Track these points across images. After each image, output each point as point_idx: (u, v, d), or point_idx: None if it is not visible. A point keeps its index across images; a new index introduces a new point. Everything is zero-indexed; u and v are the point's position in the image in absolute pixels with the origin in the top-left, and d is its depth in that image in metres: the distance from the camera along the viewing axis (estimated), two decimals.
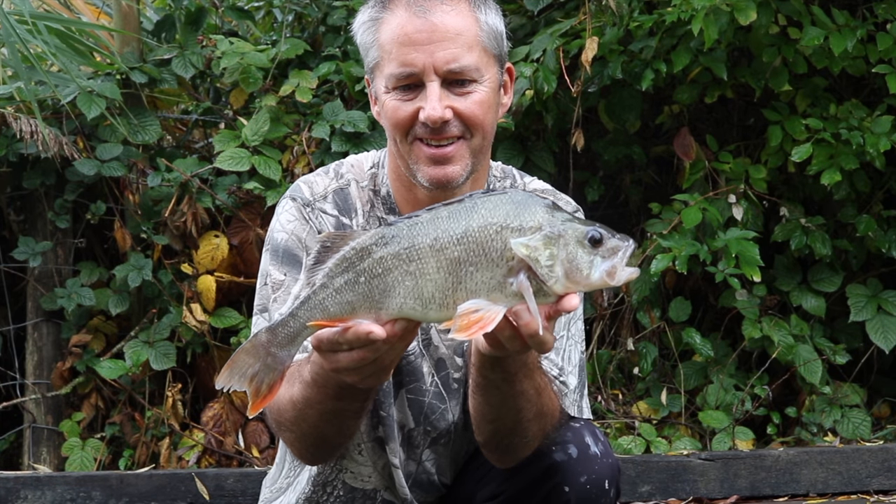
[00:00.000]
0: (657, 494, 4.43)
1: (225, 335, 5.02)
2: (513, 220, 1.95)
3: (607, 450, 2.43)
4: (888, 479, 4.48)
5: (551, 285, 1.93)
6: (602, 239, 1.94)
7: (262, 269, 2.53)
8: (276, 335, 2.01)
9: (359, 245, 1.98)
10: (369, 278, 1.97)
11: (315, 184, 2.54)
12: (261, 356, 2.02)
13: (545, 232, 1.94)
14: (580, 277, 1.94)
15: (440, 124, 2.35)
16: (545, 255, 1.93)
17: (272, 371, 2.03)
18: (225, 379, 2.03)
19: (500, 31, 2.44)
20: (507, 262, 1.95)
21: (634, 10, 4.89)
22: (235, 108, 5.27)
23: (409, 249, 1.96)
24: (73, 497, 4.45)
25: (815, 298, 5.03)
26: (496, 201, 1.97)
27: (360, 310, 1.98)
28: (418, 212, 1.99)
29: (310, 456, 2.44)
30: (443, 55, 2.34)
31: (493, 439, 2.34)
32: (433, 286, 1.96)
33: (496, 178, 2.59)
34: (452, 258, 1.95)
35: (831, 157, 4.85)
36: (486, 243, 1.95)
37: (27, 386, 5.08)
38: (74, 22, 5.47)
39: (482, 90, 2.38)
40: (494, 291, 1.95)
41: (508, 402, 2.23)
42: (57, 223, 5.04)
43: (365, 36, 2.44)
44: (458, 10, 2.37)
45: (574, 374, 2.51)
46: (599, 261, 1.94)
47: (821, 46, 4.79)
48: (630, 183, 5.36)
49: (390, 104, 2.39)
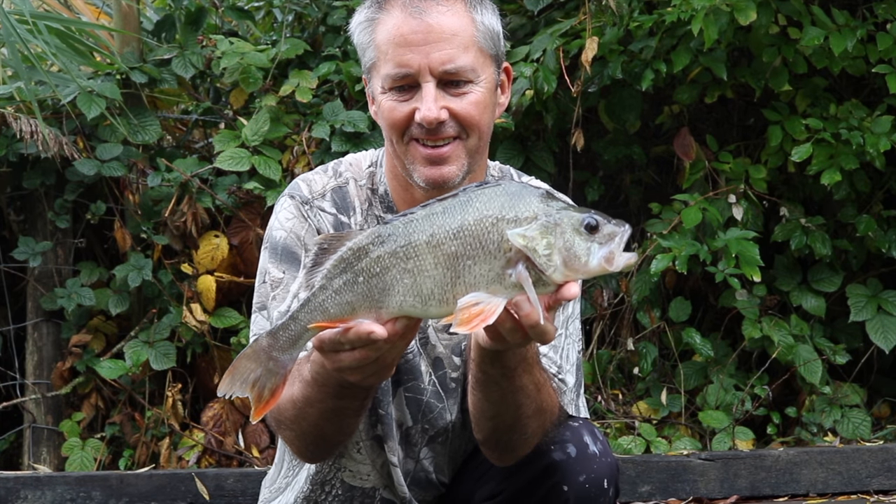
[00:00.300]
0: (657, 494, 4.43)
1: (225, 335, 5.02)
2: (508, 212, 1.95)
3: (606, 449, 2.43)
4: (888, 479, 4.48)
5: (550, 274, 1.93)
6: (598, 225, 1.94)
7: (260, 267, 2.53)
8: (278, 339, 2.01)
9: (356, 245, 1.98)
10: (368, 278, 1.97)
11: (314, 182, 2.54)
12: (262, 361, 2.02)
13: (541, 221, 1.94)
14: (578, 265, 1.93)
15: (436, 125, 2.35)
16: (542, 245, 1.93)
17: (274, 375, 2.03)
18: (227, 386, 2.03)
19: (497, 31, 2.44)
20: (505, 254, 1.94)
21: (634, 10, 4.89)
22: (235, 108, 5.27)
23: (405, 247, 1.96)
24: (73, 497, 4.45)
25: (815, 298, 5.03)
26: (490, 194, 1.97)
27: (361, 309, 1.98)
28: (413, 209, 1.99)
29: (309, 454, 2.45)
30: (438, 56, 2.34)
31: (493, 436, 2.34)
32: (432, 282, 1.96)
33: (493, 177, 2.59)
34: (450, 253, 1.95)
35: (831, 157, 4.85)
36: (482, 236, 1.95)
37: (27, 386, 5.08)
38: (74, 22, 5.47)
39: (478, 91, 2.38)
40: (493, 284, 1.95)
41: (508, 398, 2.23)
42: (57, 223, 5.05)
43: (361, 36, 2.44)
44: (454, 10, 2.37)
45: (572, 373, 2.51)
46: (596, 247, 1.93)
47: (821, 46, 4.79)
48: (630, 183, 5.36)
49: (386, 104, 2.40)
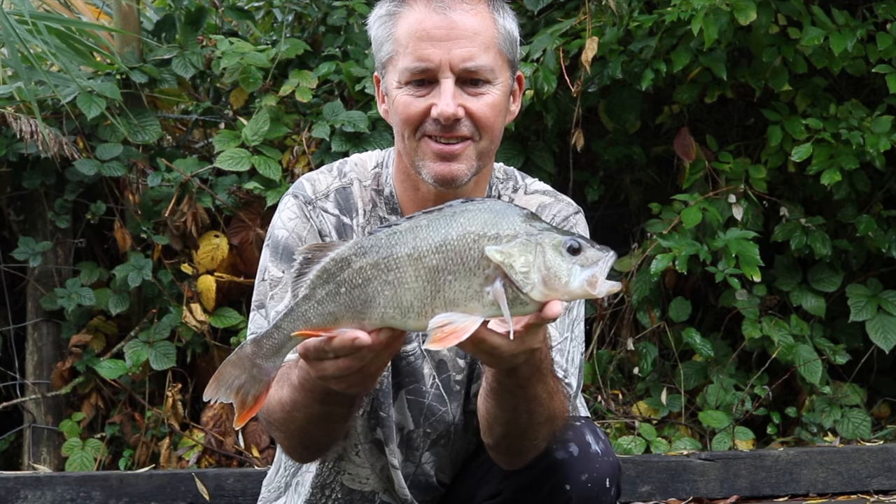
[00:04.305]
0: (657, 494, 4.43)
1: (225, 335, 5.02)
2: (490, 229, 1.96)
3: (608, 448, 2.43)
4: (888, 479, 4.48)
5: (528, 292, 1.93)
6: (581, 248, 1.95)
7: (261, 265, 2.53)
8: (261, 347, 2.03)
9: (338, 256, 2.00)
10: (350, 289, 1.98)
11: (318, 181, 2.54)
12: (246, 368, 2.04)
13: (521, 239, 1.95)
14: (558, 285, 1.93)
15: (451, 122, 2.35)
16: (520, 262, 1.93)
17: (258, 383, 2.04)
18: (212, 391, 2.05)
19: (516, 38, 2.44)
20: (484, 270, 1.95)
21: (634, 10, 4.89)
22: (235, 108, 5.27)
23: (387, 259, 1.97)
24: (73, 497, 4.45)
25: (815, 298, 5.03)
26: (475, 210, 1.98)
27: (343, 320, 1.99)
28: (398, 220, 2.01)
29: (298, 455, 2.46)
30: (460, 52, 2.34)
31: (503, 442, 2.33)
32: (412, 295, 1.97)
33: (499, 179, 2.58)
34: (430, 266, 1.96)
35: (831, 157, 4.85)
36: (463, 252, 1.96)
37: (27, 386, 5.08)
38: (74, 22, 5.47)
39: (495, 92, 2.38)
40: (472, 301, 1.96)
41: (521, 407, 2.23)
42: (57, 223, 5.04)
43: (380, 30, 2.43)
44: (478, 10, 2.37)
45: (575, 376, 2.51)
46: (579, 269, 1.94)
47: (821, 46, 4.79)
48: (630, 183, 5.36)
49: (402, 99, 2.38)
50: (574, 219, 2.55)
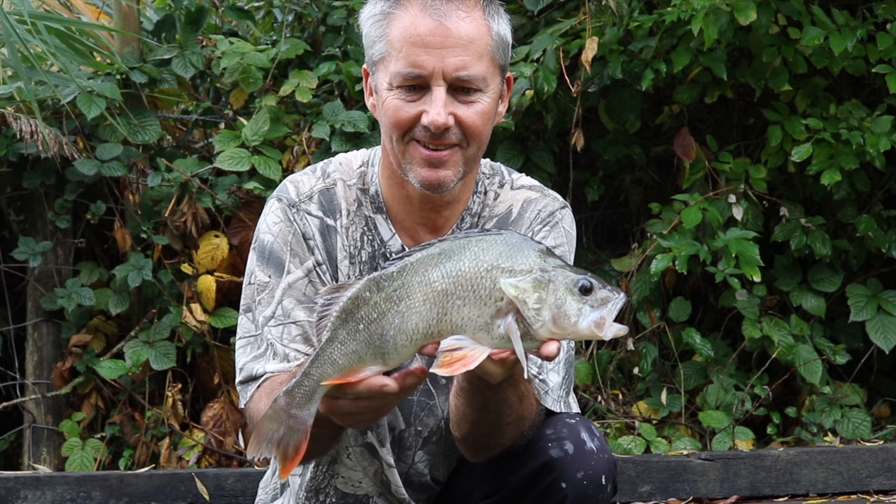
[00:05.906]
0: (657, 494, 4.43)
1: (225, 335, 5.02)
2: (505, 261, 1.98)
3: (603, 445, 2.43)
4: (888, 479, 4.48)
5: (537, 329, 1.95)
6: (592, 288, 1.96)
7: (248, 268, 2.54)
8: (294, 397, 2.05)
9: (354, 294, 2.02)
10: (367, 325, 2.01)
11: (301, 183, 2.54)
12: (283, 420, 2.06)
13: (535, 275, 1.96)
14: (567, 324, 1.96)
15: (442, 130, 2.35)
16: (533, 298, 1.95)
17: (296, 433, 2.07)
18: (254, 448, 2.08)
19: (508, 42, 2.44)
20: (496, 303, 1.97)
21: (634, 10, 4.89)
22: (235, 108, 5.27)
23: (399, 290, 2.00)
24: (73, 497, 4.45)
25: (815, 298, 5.03)
26: (490, 241, 2.00)
27: (367, 357, 2.02)
28: (410, 250, 2.03)
29: None
30: (453, 61, 2.33)
31: (470, 437, 2.37)
32: (418, 317, 1.99)
33: (485, 174, 2.58)
34: (439, 290, 1.99)
35: (831, 157, 4.85)
36: (475, 281, 1.98)
37: (27, 386, 5.08)
38: (74, 22, 5.47)
39: (485, 100, 2.38)
40: (480, 331, 1.98)
41: (490, 407, 2.26)
42: (57, 223, 5.04)
43: (372, 28, 2.43)
44: (473, 17, 2.36)
45: (556, 371, 2.50)
46: (588, 310, 1.95)
47: (821, 46, 4.79)
48: (630, 183, 5.36)
49: (392, 102, 2.38)
50: (560, 213, 2.55)
